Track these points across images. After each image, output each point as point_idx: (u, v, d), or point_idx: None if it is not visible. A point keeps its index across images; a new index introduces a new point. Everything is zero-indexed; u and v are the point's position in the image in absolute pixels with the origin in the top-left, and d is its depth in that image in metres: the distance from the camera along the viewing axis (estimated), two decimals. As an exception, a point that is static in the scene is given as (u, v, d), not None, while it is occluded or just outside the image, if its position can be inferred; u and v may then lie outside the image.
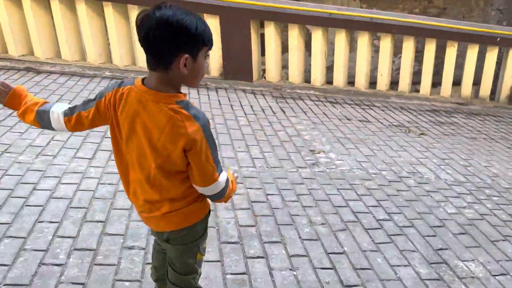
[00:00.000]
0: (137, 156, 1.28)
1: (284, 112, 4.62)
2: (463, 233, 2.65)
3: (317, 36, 5.57)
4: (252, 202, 2.70)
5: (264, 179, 3.03)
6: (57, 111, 1.34)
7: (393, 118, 4.93)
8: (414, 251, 2.40)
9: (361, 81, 5.89)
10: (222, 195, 1.36)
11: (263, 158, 3.37)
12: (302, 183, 3.02)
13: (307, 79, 5.97)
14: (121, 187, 1.57)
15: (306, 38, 5.92)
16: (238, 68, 5.57)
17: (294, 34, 5.54)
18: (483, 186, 3.37)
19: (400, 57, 5.95)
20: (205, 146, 1.23)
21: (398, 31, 5.54)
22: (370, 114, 4.95)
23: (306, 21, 5.52)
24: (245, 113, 4.42)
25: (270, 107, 4.77)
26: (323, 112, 4.81)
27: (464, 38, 5.64)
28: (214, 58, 5.59)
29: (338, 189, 3.02)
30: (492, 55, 5.79)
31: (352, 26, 5.53)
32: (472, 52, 5.75)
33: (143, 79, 1.24)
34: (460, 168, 3.66)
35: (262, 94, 5.27)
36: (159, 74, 1.19)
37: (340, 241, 2.41)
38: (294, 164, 3.33)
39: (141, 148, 1.25)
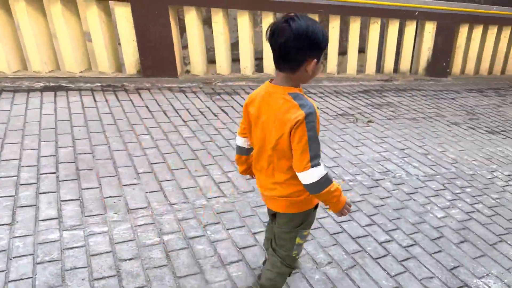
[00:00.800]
0: (260, 139, 1.51)
1: (227, 114, 4.10)
2: (463, 242, 2.52)
3: (243, 20, 5.04)
4: (240, 249, 2.22)
5: (242, 210, 2.55)
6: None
7: (335, 106, 4.73)
8: (431, 277, 2.19)
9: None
10: (317, 191, 1.44)
11: (229, 181, 2.86)
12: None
13: (234, 69, 5.47)
14: None
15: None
16: (158, 62, 4.82)
17: (219, 20, 4.94)
18: (451, 177, 3.33)
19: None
20: (304, 132, 1.37)
21: (326, 11, 5.29)
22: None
23: (230, 4, 4.93)
24: (184, 121, 3.79)
25: (209, 108, 4.20)
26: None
27: (386, 14, 5.62)
28: (128, 52, 4.75)
29: (324, 209, 2.68)
30: (410, 29, 5.90)
31: (281, 9, 5.10)
32: (393, 28, 5.79)
33: (270, 80, 1.48)
34: (422, 158, 3.59)
35: (193, 91, 4.64)
36: (284, 74, 1.40)
37: (357, 283, 2.08)
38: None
39: (263, 133, 1.49)
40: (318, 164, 1.40)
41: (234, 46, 5.40)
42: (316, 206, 1.65)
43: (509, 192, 3.22)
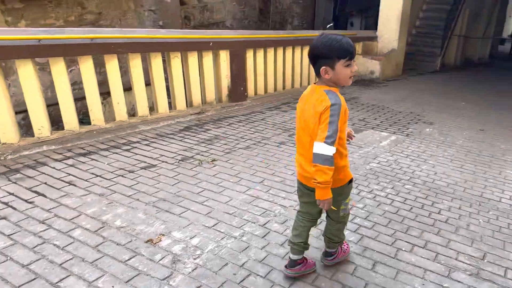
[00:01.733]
0: (302, 128, 2.05)
1: (45, 196, 3.06)
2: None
3: (26, 69, 3.94)
4: None
5: None
6: None
7: (169, 151, 4.25)
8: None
9: (97, 116, 4.74)
10: (317, 161, 1.89)
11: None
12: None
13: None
14: None
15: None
16: None
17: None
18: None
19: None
20: (327, 117, 1.87)
21: (125, 49, 4.71)
22: (143, 155, 4.07)
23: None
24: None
25: (18, 197, 3.05)
26: (87, 172, 3.54)
27: (187, 47, 5.47)
28: None
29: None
30: (208, 60, 5.94)
31: (72, 52, 4.23)
32: (193, 60, 5.69)
33: (314, 82, 2.06)
34: (284, 187, 3.55)
35: (-23, 177, 3.31)
36: (319, 78, 2.00)
37: None
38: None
39: (305, 122, 2.01)
40: (331, 144, 1.86)
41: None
42: (350, 181, 2.17)
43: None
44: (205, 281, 2.25)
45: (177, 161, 3.99)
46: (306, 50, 7.92)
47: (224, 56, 6.07)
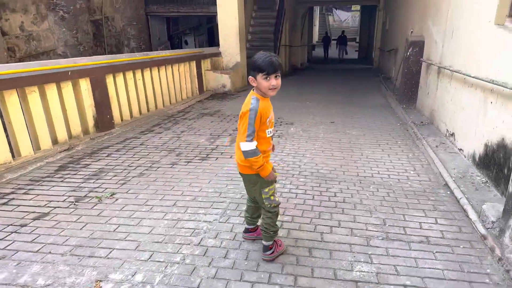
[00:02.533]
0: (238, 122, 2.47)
1: None
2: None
3: None
4: None
5: None
6: None
7: (58, 195, 3.78)
8: None
9: None
10: (246, 156, 2.38)
11: None
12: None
13: None
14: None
15: None
16: None
17: None
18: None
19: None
20: (246, 119, 2.32)
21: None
22: (27, 205, 3.52)
23: None
24: None
25: None
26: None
27: (44, 80, 4.89)
28: None
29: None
30: (68, 90, 5.43)
31: None
32: (52, 92, 5.14)
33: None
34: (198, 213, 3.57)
35: None
36: None
37: None
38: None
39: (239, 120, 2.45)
40: (251, 141, 2.34)
41: None
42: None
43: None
44: (172, 312, 2.17)
45: (72, 203, 3.60)
46: (162, 70, 7.93)
47: (85, 85, 5.65)
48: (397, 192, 3.84)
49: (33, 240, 2.93)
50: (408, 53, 7.74)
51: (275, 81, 2.33)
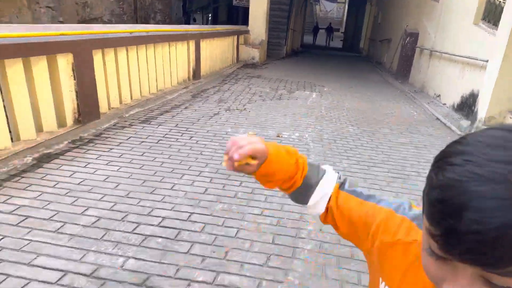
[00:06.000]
0: None
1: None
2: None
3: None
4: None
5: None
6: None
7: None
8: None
9: None
10: None
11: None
12: None
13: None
14: None
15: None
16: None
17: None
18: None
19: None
20: None
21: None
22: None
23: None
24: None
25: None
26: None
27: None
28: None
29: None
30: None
31: None
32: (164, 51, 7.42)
33: None
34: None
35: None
36: None
37: None
38: None
39: None
40: None
41: None
42: None
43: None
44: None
45: (226, 110, 6.02)
46: (216, 40, 10.24)
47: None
48: (409, 120, 6.49)
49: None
50: (406, 42, 10.44)
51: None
